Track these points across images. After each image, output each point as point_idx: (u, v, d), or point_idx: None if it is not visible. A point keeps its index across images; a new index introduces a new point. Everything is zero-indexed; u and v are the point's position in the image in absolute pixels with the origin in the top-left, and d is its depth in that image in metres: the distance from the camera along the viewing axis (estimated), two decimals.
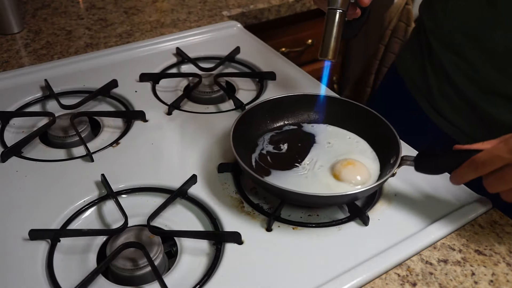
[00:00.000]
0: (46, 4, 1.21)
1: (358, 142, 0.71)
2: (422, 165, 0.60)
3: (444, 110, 0.84)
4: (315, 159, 0.69)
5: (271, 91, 0.88)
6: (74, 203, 0.64)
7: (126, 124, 0.80)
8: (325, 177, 0.65)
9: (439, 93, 0.84)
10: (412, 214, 0.63)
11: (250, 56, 0.99)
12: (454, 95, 0.81)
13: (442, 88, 0.83)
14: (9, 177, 0.68)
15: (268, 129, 0.75)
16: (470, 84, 0.78)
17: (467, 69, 0.78)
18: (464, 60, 0.77)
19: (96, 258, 0.58)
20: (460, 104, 0.81)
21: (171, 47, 1.01)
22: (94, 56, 0.97)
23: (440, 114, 0.85)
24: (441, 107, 0.84)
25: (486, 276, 0.56)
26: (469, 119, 0.81)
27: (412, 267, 0.57)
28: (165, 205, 0.63)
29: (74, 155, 0.73)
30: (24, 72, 0.91)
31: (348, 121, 0.73)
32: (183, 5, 1.22)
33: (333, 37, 0.61)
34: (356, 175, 0.64)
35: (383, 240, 0.60)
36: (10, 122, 0.80)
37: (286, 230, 0.61)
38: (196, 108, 0.85)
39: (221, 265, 0.56)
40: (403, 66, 0.94)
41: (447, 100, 0.83)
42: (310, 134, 0.74)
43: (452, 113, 0.83)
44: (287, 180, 0.65)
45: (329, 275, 0.55)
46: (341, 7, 0.60)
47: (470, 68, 0.77)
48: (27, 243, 0.58)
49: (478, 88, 0.77)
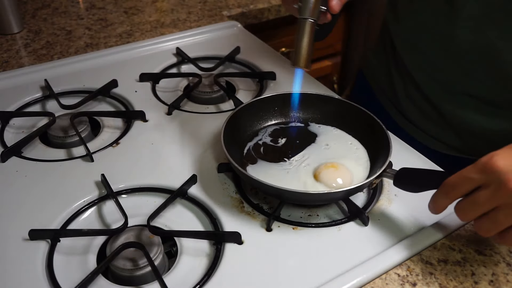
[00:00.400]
0: (46, 4, 1.21)
1: (358, 149, 0.71)
2: (401, 181, 0.60)
3: (410, 113, 0.84)
4: (305, 158, 0.69)
5: (271, 91, 0.88)
6: (74, 203, 0.64)
7: (126, 124, 0.80)
8: (305, 176, 0.66)
9: (405, 96, 0.84)
10: (412, 214, 0.63)
11: (250, 56, 0.99)
12: (419, 97, 0.81)
13: (407, 90, 0.83)
14: (9, 177, 0.68)
15: (273, 121, 0.76)
16: (434, 85, 0.78)
17: (431, 70, 0.77)
18: (428, 59, 0.77)
19: (96, 258, 0.58)
20: (426, 107, 0.81)
21: (171, 47, 1.01)
22: (94, 56, 0.97)
23: (406, 117, 0.85)
24: (407, 110, 0.84)
25: (486, 276, 0.56)
26: (435, 122, 0.81)
27: (412, 267, 0.57)
28: (165, 205, 0.63)
29: (74, 155, 0.73)
30: (24, 72, 0.91)
31: (355, 127, 0.73)
32: (183, 5, 1.22)
33: (304, 46, 0.61)
34: (335, 178, 0.64)
35: (383, 240, 0.60)
36: (10, 122, 0.80)
37: (286, 230, 0.61)
38: (196, 108, 0.85)
39: (221, 265, 0.56)
40: (369, 69, 0.95)
41: (412, 103, 0.83)
42: (312, 134, 0.74)
43: (418, 116, 0.83)
44: (267, 171, 0.66)
45: (329, 275, 0.55)
46: (312, 17, 0.61)
47: (434, 68, 0.77)
48: (27, 243, 0.58)
49: (443, 89, 0.77)
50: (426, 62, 0.78)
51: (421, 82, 0.80)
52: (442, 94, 0.77)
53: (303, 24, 0.61)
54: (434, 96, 0.79)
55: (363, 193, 0.68)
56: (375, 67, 0.93)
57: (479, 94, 0.74)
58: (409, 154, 0.74)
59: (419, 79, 0.80)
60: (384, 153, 0.65)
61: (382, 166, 0.61)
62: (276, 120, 0.76)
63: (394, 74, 0.86)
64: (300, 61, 0.62)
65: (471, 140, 0.79)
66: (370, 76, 0.95)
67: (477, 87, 0.73)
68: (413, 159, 0.73)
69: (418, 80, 0.80)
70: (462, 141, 0.80)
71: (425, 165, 0.71)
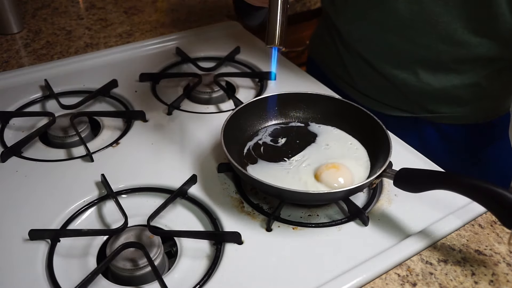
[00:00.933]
0: (46, 4, 1.21)
1: (358, 149, 0.71)
2: (401, 181, 0.60)
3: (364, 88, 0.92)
4: (305, 157, 0.69)
5: (271, 91, 0.87)
6: (74, 203, 0.64)
7: (126, 124, 0.80)
8: (306, 176, 0.66)
9: (357, 73, 0.92)
10: (412, 214, 0.63)
11: (250, 56, 0.99)
12: (370, 71, 0.88)
13: (359, 67, 0.90)
14: (9, 177, 0.68)
15: (273, 121, 0.76)
16: (383, 58, 0.85)
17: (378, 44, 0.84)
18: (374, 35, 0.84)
19: (96, 258, 0.58)
20: (378, 79, 0.88)
21: (171, 47, 1.01)
22: (94, 56, 0.97)
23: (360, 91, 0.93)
24: (361, 85, 0.92)
25: (486, 276, 0.56)
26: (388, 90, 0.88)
27: (412, 267, 0.57)
28: (165, 205, 0.63)
29: (74, 155, 0.73)
30: (24, 72, 0.91)
31: (355, 127, 0.73)
32: (183, 5, 1.22)
33: (278, 23, 0.59)
34: (336, 179, 0.64)
35: (383, 240, 0.60)
36: (10, 122, 0.80)
37: (286, 230, 0.61)
38: (196, 108, 0.85)
39: (221, 265, 0.56)
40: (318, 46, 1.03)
41: (365, 78, 0.91)
42: (312, 134, 0.74)
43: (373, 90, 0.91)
44: (267, 171, 0.66)
45: (329, 275, 0.55)
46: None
47: (382, 42, 0.84)
48: (27, 243, 0.58)
49: (393, 60, 0.84)
50: (373, 38, 0.85)
51: (370, 58, 0.87)
52: (393, 65, 0.84)
53: (275, 1, 0.59)
54: (382, 67, 0.86)
55: (363, 193, 0.68)
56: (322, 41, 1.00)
57: (421, 58, 0.82)
58: (409, 154, 0.74)
59: (369, 55, 0.87)
60: (384, 153, 0.65)
61: (382, 166, 0.61)
62: (276, 120, 0.76)
63: (343, 55, 0.93)
64: (275, 39, 0.59)
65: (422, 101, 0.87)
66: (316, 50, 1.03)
67: (425, 52, 0.80)
68: (413, 159, 0.73)
69: (368, 56, 0.87)
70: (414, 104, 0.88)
71: (425, 165, 0.71)
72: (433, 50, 0.79)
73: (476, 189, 0.54)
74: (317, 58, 1.04)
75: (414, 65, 0.83)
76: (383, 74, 0.87)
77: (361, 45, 0.88)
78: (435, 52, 0.79)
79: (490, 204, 0.53)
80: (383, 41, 0.83)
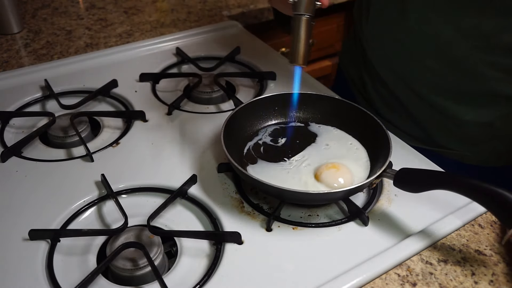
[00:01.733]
0: (46, 4, 1.21)
1: (358, 149, 0.71)
2: (401, 181, 0.60)
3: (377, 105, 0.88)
4: (305, 157, 0.69)
5: (271, 91, 0.88)
6: (74, 203, 0.64)
7: (126, 124, 0.80)
8: (306, 176, 0.66)
9: (372, 89, 0.88)
10: (412, 214, 0.63)
11: (250, 56, 0.99)
12: (383, 90, 0.85)
13: (374, 83, 0.87)
14: (9, 177, 0.68)
15: (273, 121, 0.76)
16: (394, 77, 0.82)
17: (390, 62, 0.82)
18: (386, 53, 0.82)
19: (96, 258, 0.58)
20: (390, 98, 0.85)
21: (171, 47, 1.01)
22: (94, 56, 0.97)
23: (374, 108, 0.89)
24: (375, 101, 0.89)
25: (486, 276, 0.56)
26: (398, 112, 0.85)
27: (412, 267, 0.57)
28: (165, 205, 0.63)
29: (74, 155, 0.73)
30: (24, 72, 0.91)
31: (355, 127, 0.73)
32: (183, 5, 1.22)
33: (301, 43, 0.60)
34: (336, 179, 0.64)
35: (383, 240, 0.60)
36: (10, 122, 0.80)
37: (286, 230, 0.61)
38: (196, 108, 0.85)
39: (221, 265, 0.56)
40: (345, 64, 0.99)
41: (379, 95, 0.87)
42: (312, 134, 0.74)
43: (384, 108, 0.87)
44: (267, 171, 0.66)
45: (329, 275, 0.55)
46: (307, 12, 0.59)
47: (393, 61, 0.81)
48: (27, 243, 0.58)
49: (402, 81, 0.80)
50: (385, 56, 0.82)
51: (384, 76, 0.84)
52: (403, 87, 0.81)
53: (299, 20, 0.60)
54: (395, 88, 0.82)
55: (363, 193, 0.68)
56: (349, 60, 0.97)
57: (434, 85, 0.77)
58: (409, 154, 0.74)
59: (382, 73, 0.84)
60: (384, 153, 0.65)
61: (382, 166, 0.61)
62: (276, 120, 0.76)
63: (362, 68, 0.90)
64: (298, 59, 0.61)
65: (432, 131, 0.82)
66: (345, 69, 0.99)
67: (432, 78, 0.76)
68: (413, 159, 0.73)
69: (381, 73, 0.84)
70: (423, 132, 0.83)
71: (425, 165, 0.71)
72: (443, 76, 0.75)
73: (476, 189, 0.54)
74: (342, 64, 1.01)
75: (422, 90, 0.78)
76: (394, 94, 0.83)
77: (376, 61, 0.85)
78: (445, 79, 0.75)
79: (490, 204, 0.53)
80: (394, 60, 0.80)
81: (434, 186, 0.57)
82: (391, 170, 0.61)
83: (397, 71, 0.81)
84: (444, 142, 0.82)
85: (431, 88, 0.77)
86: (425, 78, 0.77)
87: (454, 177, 0.56)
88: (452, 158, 0.82)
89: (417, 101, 0.80)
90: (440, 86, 0.76)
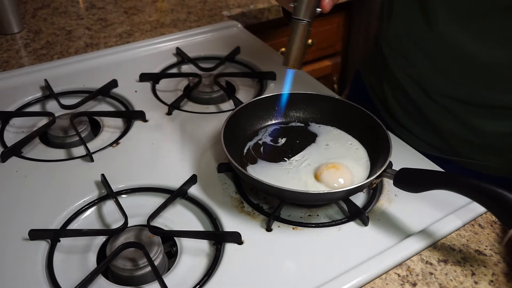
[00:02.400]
0: (46, 4, 1.21)
1: (358, 149, 0.71)
2: (401, 181, 0.60)
3: (396, 114, 0.87)
4: (305, 157, 0.69)
5: (271, 91, 0.88)
6: (74, 203, 0.64)
7: (126, 124, 0.80)
8: (306, 176, 0.66)
9: (392, 97, 0.87)
10: (412, 214, 0.63)
11: (250, 56, 0.99)
12: (403, 98, 0.84)
13: (394, 91, 0.86)
14: (9, 177, 0.68)
15: (273, 121, 0.76)
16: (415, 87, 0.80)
17: (412, 72, 0.80)
18: (409, 62, 0.80)
19: (96, 258, 0.58)
20: (410, 108, 0.83)
21: (171, 47, 1.01)
22: (94, 56, 0.97)
23: (393, 117, 0.88)
24: (394, 110, 0.87)
25: (486, 276, 0.56)
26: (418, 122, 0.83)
27: (412, 267, 0.57)
28: (165, 205, 0.63)
29: (74, 155, 0.73)
30: (24, 72, 0.91)
31: (355, 127, 0.73)
32: (183, 5, 1.22)
33: (296, 48, 0.61)
34: (336, 179, 0.64)
35: (383, 240, 0.60)
36: (10, 122, 0.80)
37: (286, 230, 0.61)
38: (196, 108, 0.85)
39: (221, 265, 0.56)
40: (364, 69, 0.97)
41: (398, 104, 0.86)
42: (312, 134, 0.74)
43: (403, 117, 0.85)
44: (267, 171, 0.66)
45: (329, 275, 0.55)
46: (305, 18, 0.60)
47: (415, 71, 0.79)
48: (27, 243, 0.58)
49: (423, 91, 0.79)
50: (407, 64, 0.80)
51: (405, 84, 0.82)
52: (423, 96, 0.80)
53: (296, 25, 0.60)
54: (416, 97, 0.81)
55: (363, 193, 0.68)
56: (369, 68, 0.95)
57: (456, 95, 0.75)
58: (409, 154, 0.74)
59: (403, 81, 0.82)
60: (384, 153, 0.65)
61: (382, 166, 0.61)
62: (276, 120, 0.76)
63: (382, 76, 0.88)
64: (290, 62, 0.62)
65: (453, 141, 0.81)
66: (365, 76, 0.97)
67: (454, 89, 0.75)
68: (413, 159, 0.73)
69: (403, 82, 0.82)
70: (444, 142, 0.82)
71: (425, 165, 0.71)
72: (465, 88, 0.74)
73: (476, 189, 0.54)
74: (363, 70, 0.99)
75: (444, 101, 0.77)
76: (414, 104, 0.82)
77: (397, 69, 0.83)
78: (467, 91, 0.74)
79: (490, 204, 0.53)
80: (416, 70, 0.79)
81: (434, 186, 0.57)
82: (391, 170, 0.61)
83: (418, 79, 0.80)
84: (465, 152, 0.81)
85: (452, 98, 0.76)
86: (446, 88, 0.76)
87: (454, 177, 0.56)
88: (474, 169, 0.81)
89: (438, 110, 0.79)
90: (461, 97, 0.75)
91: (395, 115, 0.87)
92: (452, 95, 0.76)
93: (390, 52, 0.85)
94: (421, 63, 0.78)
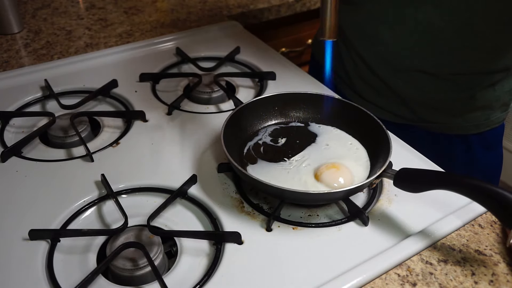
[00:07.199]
0: (46, 4, 1.21)
1: (358, 149, 0.71)
2: (401, 181, 0.60)
3: (361, 90, 0.92)
4: (305, 157, 0.69)
5: (271, 91, 0.88)
6: (74, 203, 0.64)
7: (126, 124, 0.80)
8: (306, 175, 0.66)
9: (356, 75, 0.92)
10: (412, 214, 0.63)
11: (250, 56, 0.99)
12: (369, 75, 0.89)
13: (358, 70, 0.91)
14: (9, 177, 0.68)
15: (273, 121, 0.76)
16: (383, 63, 0.86)
17: (379, 49, 0.85)
18: (376, 40, 0.85)
19: (96, 258, 0.58)
20: (376, 83, 0.89)
21: (171, 47, 1.01)
22: (94, 56, 0.97)
23: (357, 93, 0.93)
24: (359, 87, 0.92)
25: (486, 276, 0.56)
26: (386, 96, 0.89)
27: (412, 267, 0.57)
28: (165, 205, 0.63)
29: (74, 155, 0.73)
30: (24, 72, 0.91)
31: (355, 127, 0.73)
32: (183, 5, 1.22)
33: (328, 16, 0.60)
34: (336, 179, 0.64)
35: (383, 240, 0.60)
36: (10, 122, 0.80)
37: (286, 230, 0.61)
38: (196, 108, 0.85)
39: (221, 265, 0.56)
40: (319, 52, 1.02)
41: (363, 81, 0.91)
42: (312, 134, 0.74)
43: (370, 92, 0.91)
44: (267, 171, 0.66)
45: (329, 275, 0.55)
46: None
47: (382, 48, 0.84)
48: (27, 243, 0.58)
49: (391, 66, 0.85)
50: (375, 42, 0.85)
51: (370, 62, 0.87)
52: (391, 70, 0.85)
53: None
54: (384, 73, 0.86)
55: (363, 193, 0.68)
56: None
57: (423, 68, 0.82)
58: (409, 154, 0.74)
59: (369, 59, 0.88)
60: (384, 153, 0.65)
61: (382, 166, 0.61)
62: (276, 120, 0.76)
63: (344, 56, 0.93)
64: (326, 33, 0.61)
65: (418, 109, 0.88)
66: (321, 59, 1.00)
67: (421, 62, 0.82)
68: (413, 159, 0.73)
69: (368, 60, 0.88)
70: (410, 111, 0.89)
71: (425, 165, 0.71)
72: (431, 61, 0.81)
73: (476, 189, 0.54)
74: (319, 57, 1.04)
75: (412, 74, 0.84)
76: (381, 78, 0.87)
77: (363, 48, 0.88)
78: (433, 64, 0.81)
79: (490, 204, 0.53)
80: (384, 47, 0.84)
81: (434, 186, 0.57)
82: (391, 170, 0.61)
83: (385, 56, 0.85)
84: (429, 117, 0.88)
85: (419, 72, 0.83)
86: (413, 62, 0.82)
87: (454, 177, 0.56)
88: (438, 131, 0.90)
89: (399, 78, 0.84)
90: (426, 69, 0.82)
91: (358, 90, 0.93)
92: (420, 68, 0.82)
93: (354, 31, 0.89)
94: (388, 40, 0.83)
